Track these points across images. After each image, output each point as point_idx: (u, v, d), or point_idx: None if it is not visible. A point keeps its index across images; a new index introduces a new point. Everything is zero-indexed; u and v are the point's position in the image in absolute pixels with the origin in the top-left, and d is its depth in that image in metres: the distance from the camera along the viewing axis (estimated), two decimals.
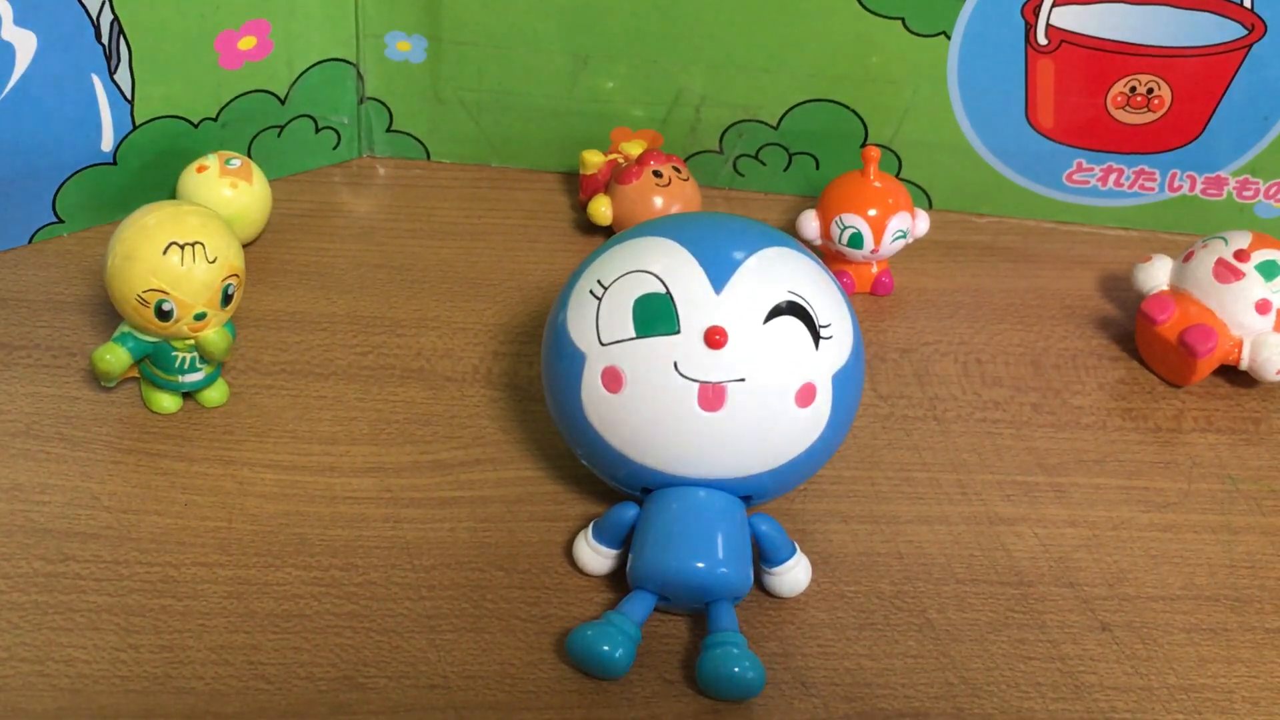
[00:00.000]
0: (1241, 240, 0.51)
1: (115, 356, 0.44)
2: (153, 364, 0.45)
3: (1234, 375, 0.52)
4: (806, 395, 0.38)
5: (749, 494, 0.39)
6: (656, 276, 0.38)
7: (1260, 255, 0.50)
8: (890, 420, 0.49)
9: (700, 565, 0.37)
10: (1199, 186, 0.60)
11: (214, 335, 0.44)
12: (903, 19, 0.56)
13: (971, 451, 0.47)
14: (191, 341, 0.45)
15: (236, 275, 0.44)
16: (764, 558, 0.40)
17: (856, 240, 0.53)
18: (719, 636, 0.37)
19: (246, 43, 0.56)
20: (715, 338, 0.36)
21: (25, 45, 0.50)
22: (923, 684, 0.38)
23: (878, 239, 0.53)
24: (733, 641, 0.37)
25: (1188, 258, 0.52)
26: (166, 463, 0.44)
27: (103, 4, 0.51)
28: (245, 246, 0.52)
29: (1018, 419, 0.49)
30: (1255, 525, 0.45)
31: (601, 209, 0.56)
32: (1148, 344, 0.52)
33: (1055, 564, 0.43)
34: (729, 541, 0.38)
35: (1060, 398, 0.51)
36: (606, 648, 0.37)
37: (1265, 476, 0.48)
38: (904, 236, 0.54)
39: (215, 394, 0.47)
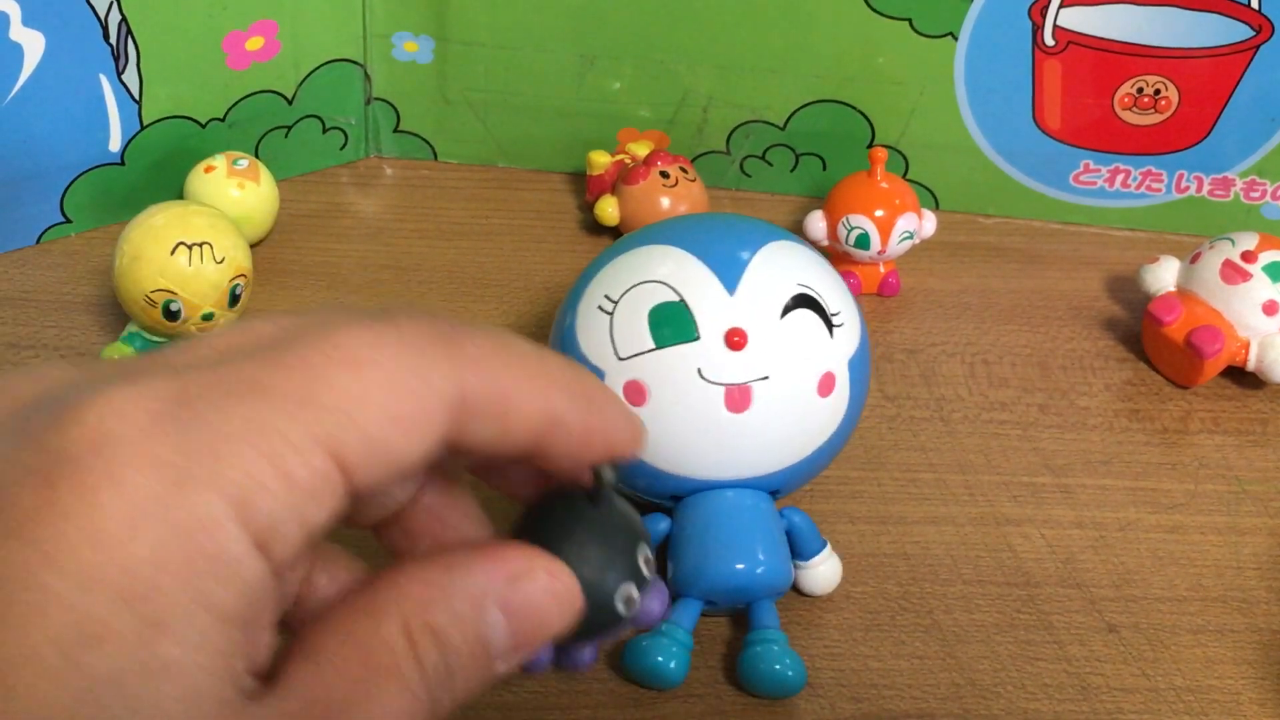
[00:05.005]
0: (1248, 241, 0.51)
1: (123, 356, 0.44)
2: None
3: (1241, 376, 0.52)
4: (827, 384, 0.38)
5: (776, 488, 0.39)
6: (668, 285, 0.37)
7: (1267, 256, 0.50)
8: (897, 421, 0.49)
9: (740, 567, 0.37)
10: (1206, 187, 0.60)
11: None
12: (910, 20, 0.56)
13: (978, 452, 0.47)
14: None
15: (244, 275, 0.45)
16: (796, 551, 0.40)
17: (863, 241, 0.53)
18: (760, 634, 0.37)
19: (254, 43, 0.56)
20: (735, 339, 0.36)
21: (33, 46, 0.50)
22: (929, 685, 0.38)
23: (884, 240, 0.53)
24: (773, 639, 0.37)
25: (1195, 259, 0.52)
26: None
27: (111, 4, 0.51)
28: (253, 247, 0.52)
29: (1024, 420, 0.49)
30: (1262, 526, 0.45)
31: (608, 209, 0.56)
32: (1154, 345, 0.52)
33: (1062, 565, 0.43)
34: (765, 539, 0.38)
35: (1067, 398, 0.51)
36: (661, 659, 0.37)
37: (1272, 478, 0.48)
38: (911, 237, 0.54)
39: None
